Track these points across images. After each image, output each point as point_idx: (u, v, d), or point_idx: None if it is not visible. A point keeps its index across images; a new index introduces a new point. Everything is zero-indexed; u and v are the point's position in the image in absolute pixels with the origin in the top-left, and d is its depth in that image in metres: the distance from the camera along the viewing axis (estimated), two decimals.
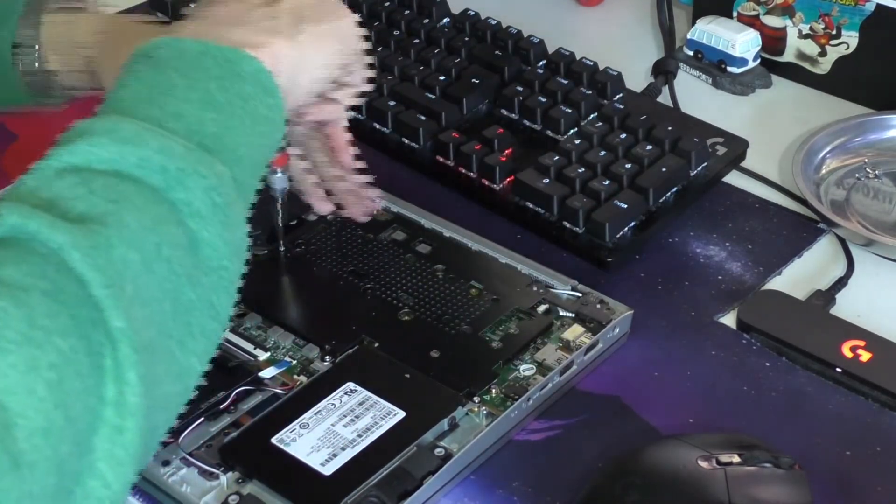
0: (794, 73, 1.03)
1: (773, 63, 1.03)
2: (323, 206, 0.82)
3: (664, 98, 1.01)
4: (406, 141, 0.94)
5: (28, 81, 0.78)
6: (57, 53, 0.77)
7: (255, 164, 0.59)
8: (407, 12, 1.04)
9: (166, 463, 0.68)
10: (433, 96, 0.95)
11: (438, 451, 0.69)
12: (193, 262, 0.52)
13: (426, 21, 1.03)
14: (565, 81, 0.95)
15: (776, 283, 0.83)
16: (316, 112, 0.71)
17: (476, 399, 0.72)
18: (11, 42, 0.76)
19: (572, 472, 0.70)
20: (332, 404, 0.71)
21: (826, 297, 0.81)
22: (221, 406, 0.72)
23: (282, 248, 0.83)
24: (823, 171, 0.92)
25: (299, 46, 0.63)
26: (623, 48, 1.08)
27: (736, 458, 0.66)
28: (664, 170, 0.86)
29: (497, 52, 0.99)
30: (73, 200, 0.50)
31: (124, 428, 0.47)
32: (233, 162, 0.56)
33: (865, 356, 0.76)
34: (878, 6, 0.96)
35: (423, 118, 0.93)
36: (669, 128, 0.89)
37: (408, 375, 0.74)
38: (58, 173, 0.51)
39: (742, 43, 1.01)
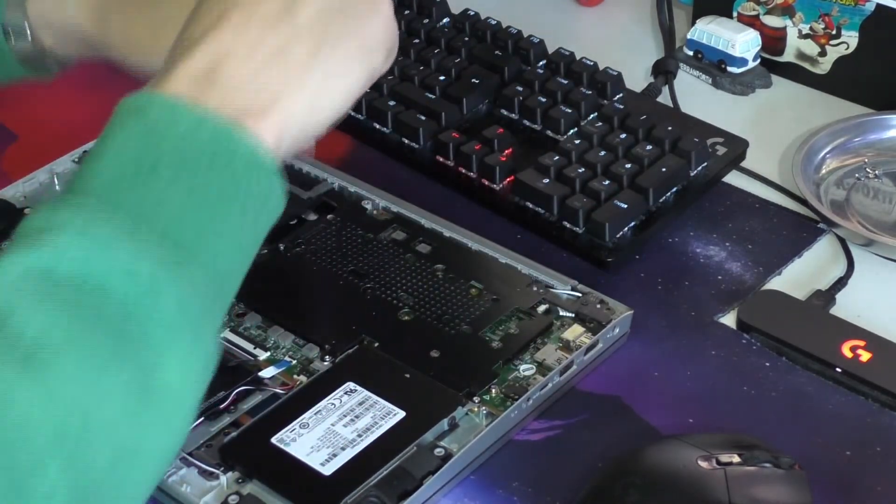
0: (794, 73, 1.03)
1: (773, 63, 1.03)
2: None
3: (664, 98, 1.00)
4: (406, 141, 0.94)
5: (23, 58, 0.76)
6: (50, 31, 0.75)
7: (245, 244, 0.55)
8: (407, 12, 1.04)
9: None
10: (433, 96, 0.95)
11: (438, 451, 0.69)
12: (147, 386, 0.49)
13: (426, 21, 1.03)
14: (565, 81, 0.95)
15: (776, 283, 0.83)
16: None
17: (476, 399, 0.72)
18: (0, 23, 0.75)
19: (572, 472, 0.70)
20: (332, 404, 0.71)
21: (826, 297, 0.81)
22: (221, 406, 0.72)
23: (281, 248, 0.83)
24: (823, 171, 0.92)
25: (316, 86, 0.57)
26: (623, 48, 1.08)
27: (736, 458, 0.66)
28: (664, 170, 0.86)
29: (497, 52, 0.99)
30: (26, 322, 0.47)
31: None
32: (216, 253, 0.52)
33: (865, 356, 0.76)
34: (878, 6, 0.96)
35: (423, 118, 0.93)
36: (669, 128, 0.89)
37: (408, 375, 0.74)
38: (22, 276, 0.48)
39: (742, 43, 1.01)
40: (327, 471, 0.67)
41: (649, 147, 0.88)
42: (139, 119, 0.54)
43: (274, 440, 0.69)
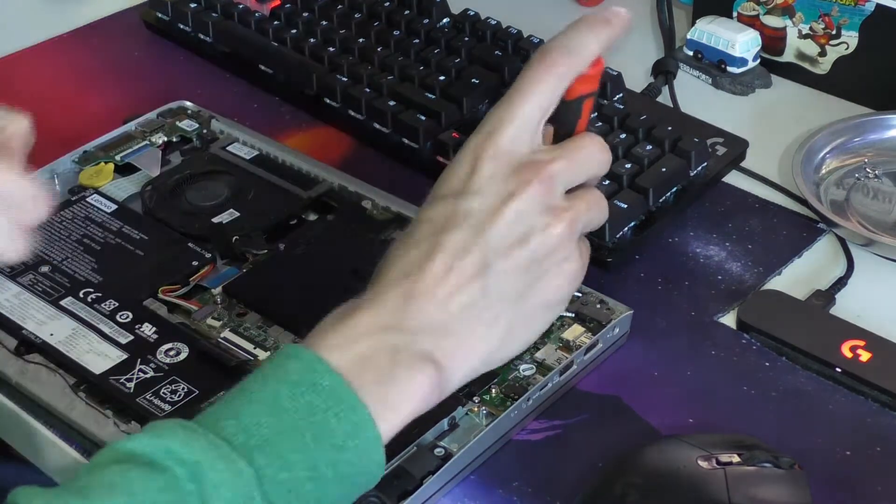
0: (794, 73, 1.03)
1: (773, 63, 1.03)
2: None
3: (664, 98, 1.01)
4: (406, 141, 0.94)
5: None
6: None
7: (318, 472, 0.56)
8: (407, 12, 1.05)
9: None
10: (433, 96, 0.95)
11: (438, 451, 0.69)
12: None
13: (426, 21, 1.03)
14: None
15: (776, 283, 0.83)
16: None
17: (476, 399, 0.72)
18: None
19: (572, 472, 0.70)
20: None
21: (826, 296, 0.81)
22: None
23: (281, 248, 0.83)
24: (823, 171, 0.92)
25: (496, 343, 0.60)
26: (623, 48, 1.08)
27: (736, 458, 0.66)
28: (664, 170, 0.86)
29: (497, 52, 0.99)
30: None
31: None
32: (278, 466, 0.55)
33: (865, 356, 0.76)
34: (878, 6, 0.96)
35: (423, 118, 0.93)
36: (669, 128, 0.89)
37: None
38: (104, 465, 0.54)
39: (742, 43, 1.01)
40: None
41: (649, 147, 0.88)
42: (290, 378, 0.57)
43: None
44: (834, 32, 0.99)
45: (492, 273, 0.60)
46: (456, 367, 0.60)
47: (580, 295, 0.79)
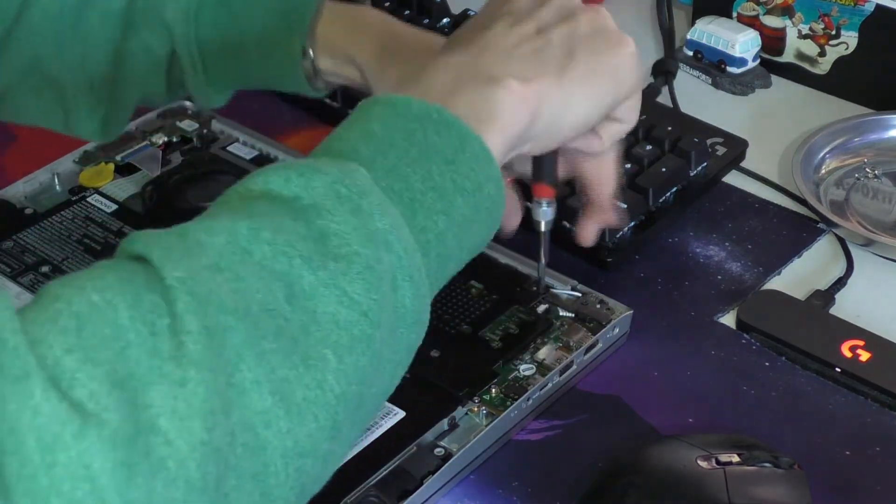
0: (793, 73, 1.03)
1: (772, 63, 1.03)
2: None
3: (664, 98, 1.01)
4: None
5: (305, 76, 0.79)
6: (331, 60, 0.77)
7: (435, 182, 0.56)
8: (407, 12, 1.04)
9: None
10: None
11: (438, 451, 0.69)
12: (315, 248, 0.50)
13: (426, 21, 1.03)
14: None
15: (776, 283, 0.83)
16: (577, 141, 0.68)
17: (476, 399, 0.72)
18: (301, 44, 0.77)
19: (572, 472, 0.70)
20: None
21: (826, 296, 0.81)
22: None
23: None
24: (823, 171, 0.92)
25: (567, 85, 0.62)
26: None
27: (735, 458, 0.66)
28: (664, 170, 0.86)
29: None
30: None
31: (186, 379, 0.44)
32: (392, 178, 0.55)
33: (865, 356, 0.76)
34: (878, 6, 0.96)
35: None
36: (669, 128, 0.89)
37: (408, 375, 0.73)
38: (239, 195, 0.53)
39: (742, 43, 1.01)
40: None
41: (649, 147, 0.88)
42: (384, 107, 0.58)
43: None
44: (834, 32, 0.99)
45: (553, 32, 0.63)
46: (537, 90, 0.60)
47: (580, 295, 0.79)
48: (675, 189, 0.87)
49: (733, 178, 0.92)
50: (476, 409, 0.72)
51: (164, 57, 0.80)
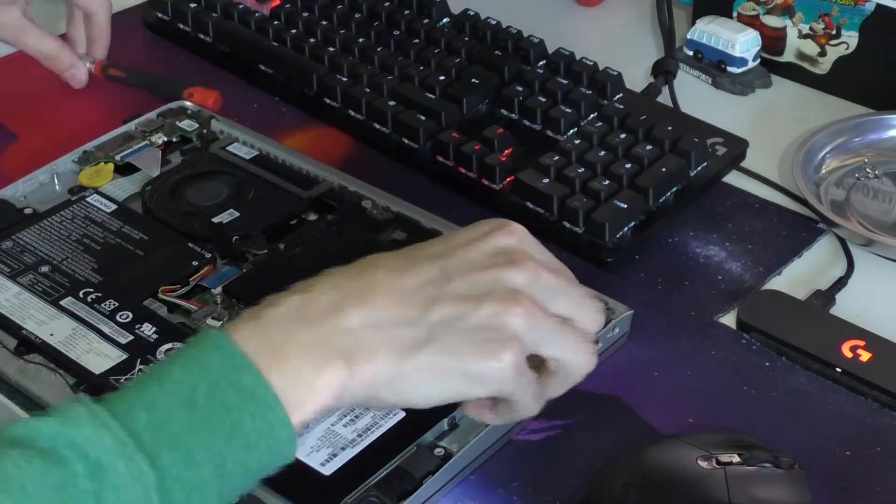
0: (793, 73, 1.03)
1: (772, 63, 1.03)
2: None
3: (664, 98, 1.01)
4: (406, 141, 0.94)
5: None
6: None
7: (226, 470, 0.55)
8: (407, 12, 1.05)
9: None
10: (433, 96, 0.95)
11: (438, 451, 0.69)
12: None
13: (426, 21, 1.03)
14: (565, 81, 0.95)
15: (776, 283, 0.83)
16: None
17: None
18: None
19: (572, 472, 0.70)
20: None
21: (826, 296, 0.81)
22: None
23: (281, 247, 0.83)
24: (823, 171, 0.92)
25: (405, 370, 0.58)
26: (623, 48, 1.08)
27: (736, 458, 0.66)
28: (664, 170, 0.86)
29: (497, 52, 0.99)
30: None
31: None
32: (184, 464, 0.54)
33: (865, 356, 0.76)
34: (878, 6, 0.96)
35: (423, 118, 0.93)
36: (669, 128, 0.89)
37: None
38: (7, 445, 0.53)
39: (742, 43, 1.01)
40: (327, 471, 0.67)
41: (649, 147, 0.88)
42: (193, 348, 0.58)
43: None
44: (834, 32, 0.99)
45: (437, 310, 0.59)
46: (363, 375, 0.58)
47: None
48: (675, 189, 0.87)
49: (733, 178, 0.92)
50: None
51: None
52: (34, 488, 0.51)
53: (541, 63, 0.98)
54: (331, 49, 1.02)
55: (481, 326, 0.59)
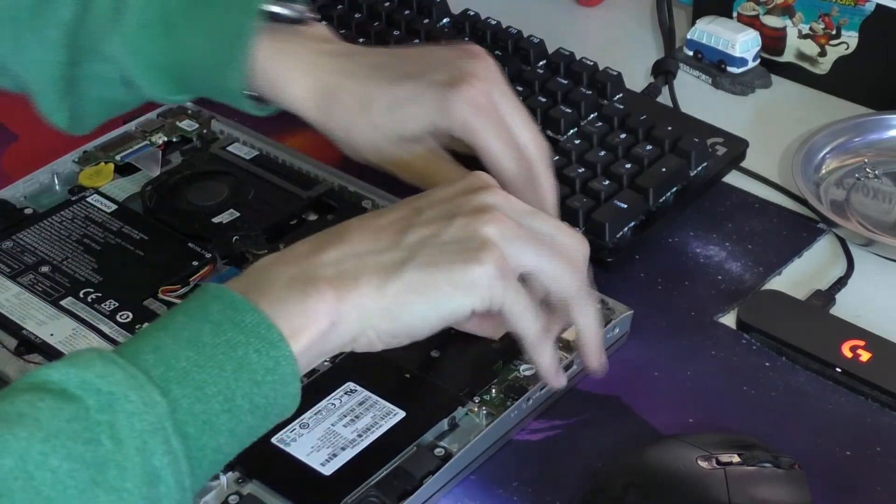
0: (794, 73, 1.03)
1: (772, 63, 1.03)
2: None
3: (664, 98, 1.01)
4: None
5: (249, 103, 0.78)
6: (272, 93, 0.77)
7: (235, 404, 0.57)
8: (407, 12, 1.04)
9: None
10: None
11: (438, 451, 0.69)
12: (92, 478, 0.52)
13: (426, 21, 1.03)
14: (565, 81, 0.95)
15: (776, 283, 0.83)
16: (466, 326, 0.69)
17: (476, 399, 0.72)
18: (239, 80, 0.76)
19: (572, 472, 0.70)
20: (332, 404, 0.71)
21: (826, 296, 0.81)
22: None
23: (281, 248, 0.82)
24: (823, 171, 0.92)
25: (390, 295, 0.61)
26: (623, 48, 1.08)
27: (736, 458, 0.66)
28: (664, 170, 0.86)
29: (497, 52, 0.99)
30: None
31: None
32: (194, 397, 0.55)
33: (865, 356, 0.76)
34: (878, 6, 0.96)
35: None
36: (669, 128, 0.89)
37: (408, 375, 0.74)
38: (19, 391, 0.54)
39: (742, 43, 1.01)
40: (327, 471, 0.67)
41: (649, 147, 0.88)
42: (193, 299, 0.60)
43: (274, 440, 0.69)
44: (834, 32, 0.99)
45: (412, 233, 0.62)
46: (350, 298, 0.60)
47: None
48: (675, 189, 0.87)
49: (733, 178, 0.92)
50: (476, 409, 0.72)
51: (115, 79, 0.79)
52: (49, 422, 0.52)
53: (541, 63, 0.98)
54: None
55: (456, 238, 0.62)
